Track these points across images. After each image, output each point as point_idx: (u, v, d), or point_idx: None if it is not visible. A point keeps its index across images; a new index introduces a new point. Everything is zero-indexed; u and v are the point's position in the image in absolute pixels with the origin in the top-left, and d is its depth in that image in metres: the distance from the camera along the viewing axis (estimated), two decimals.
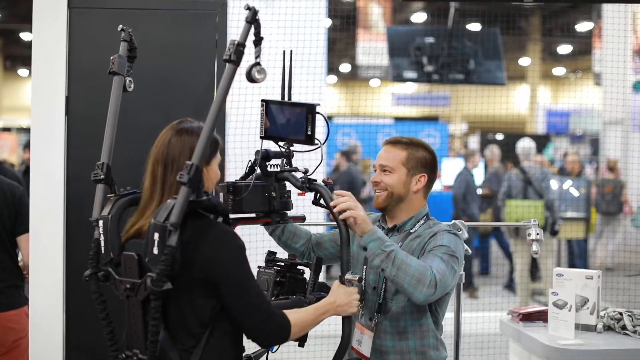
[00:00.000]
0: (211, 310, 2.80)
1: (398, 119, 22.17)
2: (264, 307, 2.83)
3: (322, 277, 3.48)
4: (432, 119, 23.26)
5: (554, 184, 11.93)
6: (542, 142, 19.45)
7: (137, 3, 5.35)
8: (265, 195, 3.22)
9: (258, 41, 2.90)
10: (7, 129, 23.77)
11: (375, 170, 3.61)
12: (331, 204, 3.18)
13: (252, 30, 2.85)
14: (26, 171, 10.34)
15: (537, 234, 4.60)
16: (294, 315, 2.92)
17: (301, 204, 3.64)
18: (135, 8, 4.98)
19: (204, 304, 2.79)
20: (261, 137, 3.29)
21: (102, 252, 2.91)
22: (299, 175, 3.28)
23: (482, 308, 10.59)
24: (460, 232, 4.80)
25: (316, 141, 3.18)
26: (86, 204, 4.72)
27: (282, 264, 3.29)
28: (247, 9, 2.85)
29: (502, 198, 11.06)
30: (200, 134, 2.77)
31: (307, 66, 7.13)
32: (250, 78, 2.85)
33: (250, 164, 3.27)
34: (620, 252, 12.60)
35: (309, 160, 3.39)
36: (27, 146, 11.96)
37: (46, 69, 4.77)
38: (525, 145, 11.13)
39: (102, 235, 2.91)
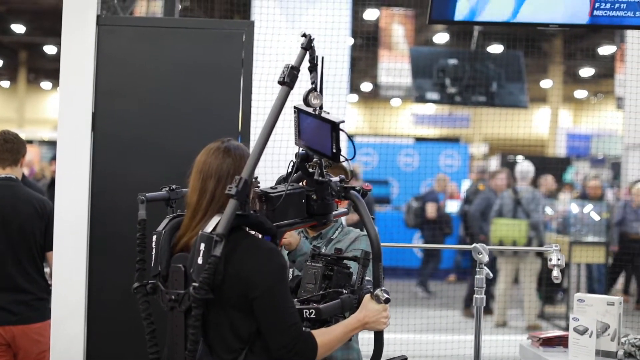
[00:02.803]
0: (249, 327, 2.84)
1: (418, 139, 22.15)
2: (294, 327, 2.85)
3: None
4: (452, 140, 23.21)
5: (574, 207, 11.92)
6: (562, 165, 19.39)
7: (165, 22, 5.41)
8: (301, 201, 3.15)
9: (313, 67, 2.98)
10: (29, 142, 23.92)
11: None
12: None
13: (307, 56, 2.92)
14: (50, 185, 10.42)
15: (559, 259, 4.58)
16: (322, 338, 2.93)
17: None
18: (162, 27, 5.02)
19: (243, 319, 2.84)
20: (296, 144, 3.25)
21: (152, 265, 2.96)
22: (335, 181, 3.22)
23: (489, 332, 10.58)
24: (480, 256, 4.81)
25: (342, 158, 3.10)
26: (110, 219, 4.78)
27: (329, 258, 3.26)
28: (302, 36, 2.94)
29: (493, 216, 11.32)
30: (245, 153, 2.89)
31: (330, 85, 7.16)
32: (307, 103, 2.97)
33: (290, 164, 3.23)
34: None
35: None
36: (53, 159, 12.02)
37: (73, 85, 4.81)
38: (523, 168, 11.56)
39: (154, 250, 2.96)
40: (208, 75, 4.86)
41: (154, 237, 2.98)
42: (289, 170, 3.22)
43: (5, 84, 29.81)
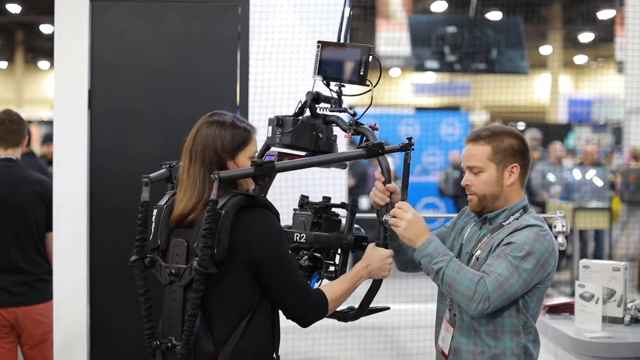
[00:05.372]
0: (248, 300, 2.85)
1: (419, 109, 22.08)
2: (302, 285, 2.92)
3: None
4: (453, 109, 23.14)
5: (577, 173, 11.89)
6: (563, 131, 19.34)
7: None
8: (312, 133, 3.26)
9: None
10: (28, 122, 23.89)
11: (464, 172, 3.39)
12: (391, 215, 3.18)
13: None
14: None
15: (563, 226, 4.54)
16: (330, 290, 3.00)
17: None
18: (157, 1, 4.97)
19: (243, 293, 2.85)
20: (314, 76, 3.33)
21: (150, 239, 2.97)
22: (346, 118, 3.33)
23: None
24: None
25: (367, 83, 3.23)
26: (109, 197, 4.75)
27: (317, 206, 3.29)
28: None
29: None
30: (232, 125, 2.95)
31: None
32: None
33: (300, 104, 3.32)
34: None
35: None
36: (46, 140, 11.96)
37: (68, 63, 4.76)
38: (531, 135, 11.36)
39: (153, 223, 2.96)
40: (204, 49, 4.81)
41: (155, 211, 2.98)
42: (296, 111, 3.33)
43: (3, 64, 29.75)
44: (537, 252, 3.10)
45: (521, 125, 18.68)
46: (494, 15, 15.64)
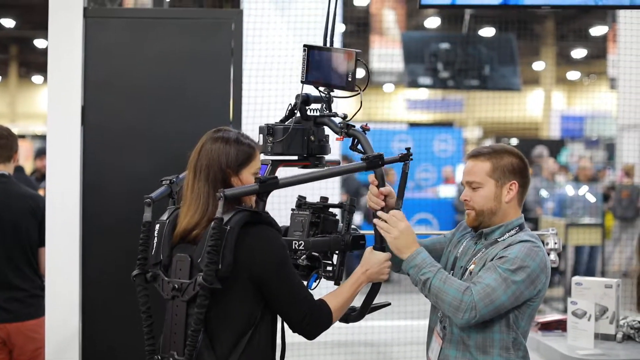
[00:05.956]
0: (250, 316, 2.86)
1: (412, 125, 22.12)
2: (307, 299, 2.94)
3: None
4: (446, 125, 23.18)
5: (569, 189, 11.91)
6: (556, 147, 19.38)
7: (153, 12, 5.37)
8: (304, 138, 3.28)
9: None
10: (21, 136, 23.85)
11: (464, 187, 3.39)
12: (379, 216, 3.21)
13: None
14: (39, 179, 10.34)
15: (555, 243, 4.55)
16: (334, 302, 3.03)
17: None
18: (151, 17, 4.98)
19: (245, 309, 2.86)
20: (302, 82, 3.34)
21: (152, 253, 2.97)
22: (337, 120, 3.33)
23: None
24: None
25: (356, 88, 3.24)
26: (102, 213, 4.74)
27: (315, 206, 3.30)
28: None
29: None
30: (236, 142, 2.95)
31: None
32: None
33: (290, 107, 3.34)
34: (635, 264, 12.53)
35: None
36: (39, 154, 11.94)
37: (62, 79, 4.76)
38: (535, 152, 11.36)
39: (156, 238, 2.96)
40: (198, 66, 4.82)
41: (157, 226, 2.98)
42: (287, 114, 3.35)
43: None
44: (528, 267, 3.11)
45: (514, 141, 18.74)
46: (487, 32, 15.70)
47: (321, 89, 3.35)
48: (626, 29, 11.46)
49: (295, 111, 3.32)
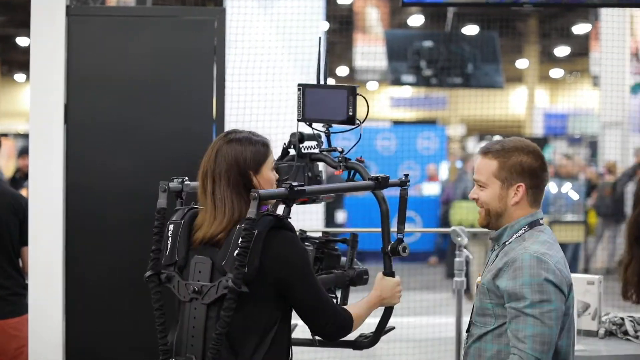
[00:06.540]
0: (275, 313, 2.89)
1: (395, 123, 22.13)
2: (330, 303, 3.00)
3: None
4: (429, 122, 23.20)
5: (552, 186, 11.96)
6: (539, 144, 19.41)
7: (135, 10, 5.36)
8: (304, 175, 3.38)
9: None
10: (4, 135, 23.71)
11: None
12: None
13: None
14: (20, 179, 10.31)
15: None
16: (354, 311, 3.08)
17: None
18: (133, 15, 4.97)
19: (272, 306, 2.89)
20: (299, 120, 3.40)
21: (167, 254, 2.96)
22: (334, 155, 3.43)
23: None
24: (459, 239, 4.81)
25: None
26: (85, 212, 4.73)
27: (317, 241, 3.35)
28: None
29: (456, 199, 11.40)
30: (249, 142, 2.97)
31: (305, 70, 7.12)
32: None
33: (284, 146, 3.45)
34: (620, 255, 12.59)
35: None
36: (22, 153, 11.89)
37: (44, 77, 4.74)
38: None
39: (170, 238, 2.96)
40: (181, 63, 4.81)
41: (171, 227, 2.98)
42: (282, 153, 3.47)
43: None
44: (547, 286, 2.95)
45: (497, 138, 18.76)
46: (470, 30, 15.73)
47: (318, 125, 3.41)
48: (608, 27, 11.54)
49: (290, 150, 3.41)
